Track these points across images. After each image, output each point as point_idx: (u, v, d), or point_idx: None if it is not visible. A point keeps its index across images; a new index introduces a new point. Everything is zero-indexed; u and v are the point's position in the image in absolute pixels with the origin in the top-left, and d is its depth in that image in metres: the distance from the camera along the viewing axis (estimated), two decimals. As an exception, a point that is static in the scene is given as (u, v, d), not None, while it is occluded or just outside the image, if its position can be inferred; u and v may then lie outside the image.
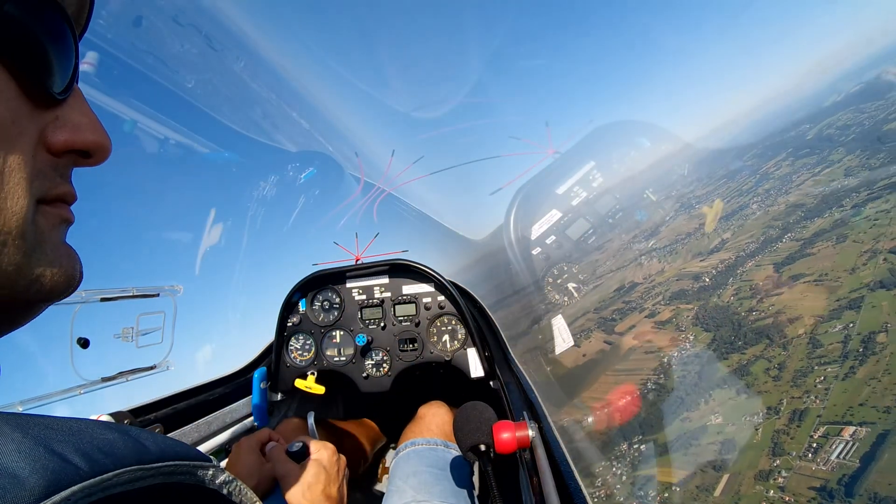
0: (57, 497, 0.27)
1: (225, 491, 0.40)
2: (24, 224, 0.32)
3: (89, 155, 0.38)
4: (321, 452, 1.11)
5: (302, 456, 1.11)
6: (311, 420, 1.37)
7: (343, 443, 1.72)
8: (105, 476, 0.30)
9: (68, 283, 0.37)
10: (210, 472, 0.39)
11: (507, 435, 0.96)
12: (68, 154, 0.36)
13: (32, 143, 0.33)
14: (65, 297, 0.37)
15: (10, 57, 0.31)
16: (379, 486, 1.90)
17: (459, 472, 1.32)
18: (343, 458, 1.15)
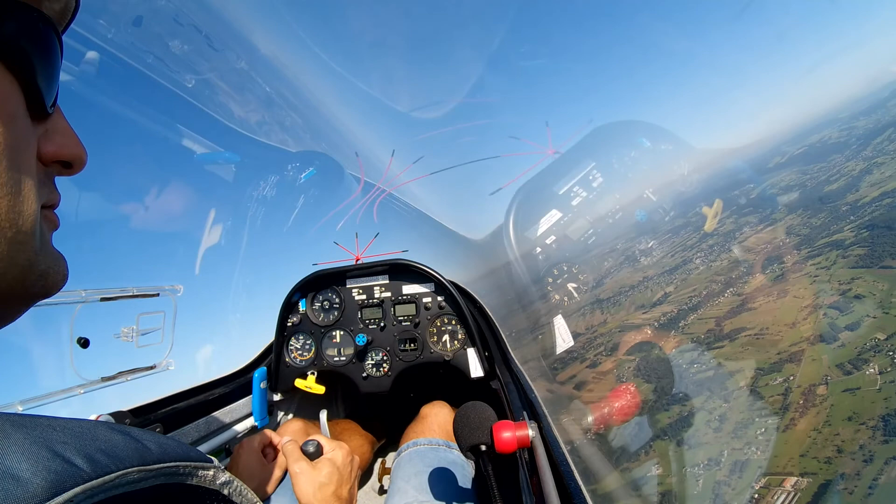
0: (60, 499, 0.27)
1: (226, 491, 0.40)
2: (35, 226, 0.36)
3: (71, 165, 0.42)
4: (336, 452, 1.10)
5: (316, 455, 1.11)
6: (323, 418, 1.38)
7: (345, 443, 1.72)
8: (107, 477, 0.30)
9: (63, 280, 0.41)
10: (211, 473, 0.39)
11: (507, 435, 0.96)
12: (54, 164, 0.40)
13: (35, 154, 0.37)
14: (55, 293, 0.40)
15: (21, 75, 0.35)
16: (380, 486, 1.90)
17: (460, 472, 1.32)
18: (357, 459, 1.15)
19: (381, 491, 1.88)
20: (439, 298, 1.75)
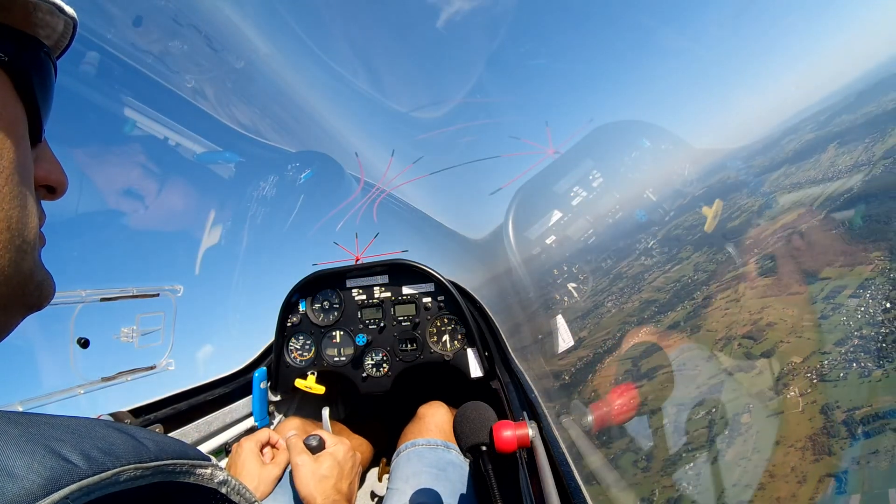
0: (55, 496, 0.27)
1: (224, 490, 0.40)
2: (36, 238, 0.39)
3: (55, 191, 0.45)
4: (337, 447, 1.11)
5: (318, 449, 1.12)
6: (325, 415, 1.38)
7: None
8: (104, 475, 0.30)
9: (53, 294, 0.44)
10: (209, 471, 0.39)
11: (507, 435, 0.96)
12: (40, 188, 0.43)
13: (34, 175, 0.41)
14: (46, 306, 0.43)
15: (27, 102, 0.39)
16: (379, 487, 1.90)
17: (459, 472, 1.32)
18: (358, 455, 1.16)
19: (380, 491, 1.88)
20: (439, 298, 1.75)
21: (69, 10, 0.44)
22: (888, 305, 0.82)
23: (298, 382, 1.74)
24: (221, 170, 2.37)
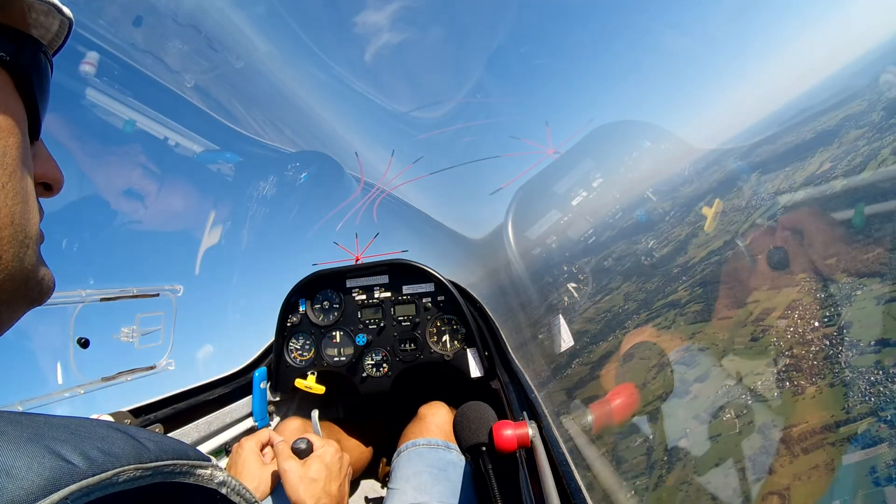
0: (55, 496, 0.27)
1: (224, 490, 0.40)
2: (38, 233, 0.40)
3: (51, 188, 0.46)
4: (325, 450, 1.11)
5: (306, 452, 1.12)
6: (314, 418, 1.38)
7: (344, 443, 1.72)
8: (103, 475, 0.30)
9: (53, 289, 0.44)
10: (208, 472, 0.39)
11: (507, 435, 0.96)
12: (38, 185, 0.43)
13: (33, 172, 0.41)
14: (46, 301, 0.43)
15: (27, 99, 0.40)
16: (379, 487, 1.90)
17: (460, 472, 1.32)
18: (347, 456, 1.16)
19: (381, 491, 1.88)
20: (439, 298, 1.75)
21: (66, 10, 0.45)
22: (816, 325, 0.84)
23: (298, 382, 1.74)
24: (221, 170, 2.37)
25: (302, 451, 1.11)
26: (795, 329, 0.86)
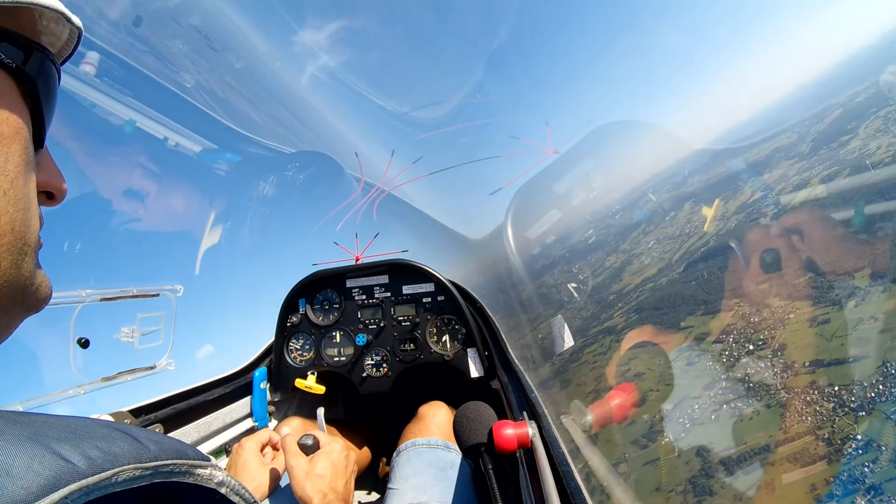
0: (55, 495, 0.27)
1: (223, 490, 0.40)
2: (37, 241, 0.40)
3: (53, 196, 0.45)
4: (332, 446, 1.11)
5: (312, 449, 1.12)
6: (320, 415, 1.38)
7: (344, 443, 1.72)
8: (103, 475, 0.30)
9: (50, 296, 0.44)
10: (208, 471, 0.39)
11: (507, 435, 0.96)
12: (40, 194, 0.43)
13: (35, 179, 0.41)
14: (43, 308, 0.44)
15: (33, 107, 0.39)
16: (379, 487, 1.90)
17: (459, 472, 1.32)
18: (353, 454, 1.16)
19: (380, 491, 1.88)
20: (439, 298, 1.75)
21: (75, 19, 0.44)
22: (751, 347, 0.85)
23: (298, 382, 1.74)
24: (221, 170, 2.37)
25: (308, 448, 1.11)
26: (730, 353, 0.88)
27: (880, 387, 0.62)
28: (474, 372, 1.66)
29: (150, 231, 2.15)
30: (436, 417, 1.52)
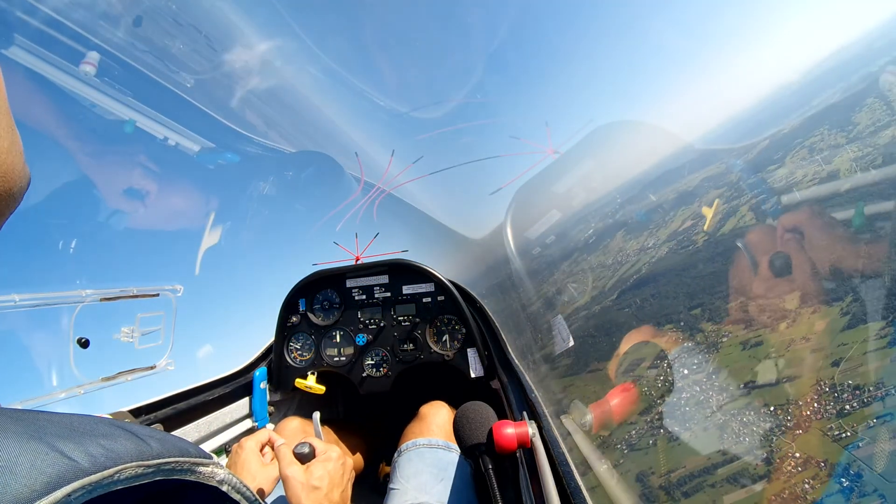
0: (59, 493, 0.27)
1: (224, 488, 0.40)
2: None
3: None
4: (328, 455, 1.10)
5: (309, 457, 1.10)
6: (316, 420, 1.37)
7: (344, 443, 1.72)
8: (105, 472, 0.30)
9: (25, 179, 0.43)
10: (209, 469, 0.39)
11: (507, 435, 0.96)
12: None
13: None
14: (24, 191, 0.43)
15: None
16: (379, 487, 1.90)
17: (460, 472, 1.32)
18: (350, 462, 1.14)
19: (381, 491, 1.88)
20: (439, 298, 1.75)
21: None
22: (686, 372, 0.86)
23: (298, 382, 1.74)
24: (221, 170, 2.37)
25: (305, 456, 1.10)
26: (665, 378, 0.89)
27: (815, 405, 0.63)
28: (474, 372, 1.67)
29: (150, 231, 2.15)
30: (437, 417, 1.52)
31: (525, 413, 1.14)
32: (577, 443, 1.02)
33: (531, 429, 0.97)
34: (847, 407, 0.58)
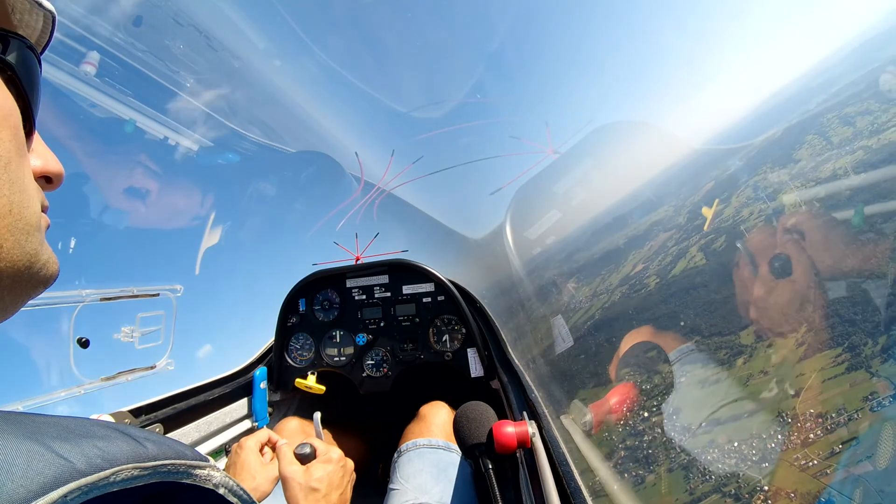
0: (54, 494, 0.27)
1: (221, 491, 0.40)
2: (39, 220, 0.41)
3: (51, 181, 0.47)
4: (328, 456, 1.10)
5: (309, 458, 1.10)
6: (317, 420, 1.37)
7: (344, 443, 1.72)
8: (102, 474, 0.30)
9: (58, 272, 0.46)
10: (206, 472, 0.39)
11: (507, 435, 0.96)
12: (38, 179, 0.45)
13: (29, 164, 0.42)
14: (52, 284, 0.45)
15: (18, 96, 0.41)
16: (379, 487, 1.90)
17: (460, 472, 1.32)
18: (350, 463, 1.14)
19: (381, 491, 1.88)
20: (439, 298, 1.75)
21: (48, 4, 0.45)
22: (646, 415, 0.87)
23: (298, 382, 1.74)
24: (221, 170, 2.38)
25: (305, 457, 1.09)
26: (626, 422, 0.89)
27: (779, 437, 0.63)
28: (474, 372, 1.66)
29: (150, 231, 2.15)
30: (437, 417, 1.52)
31: (525, 413, 1.14)
32: (577, 443, 1.02)
33: (531, 429, 0.97)
34: (811, 436, 0.59)
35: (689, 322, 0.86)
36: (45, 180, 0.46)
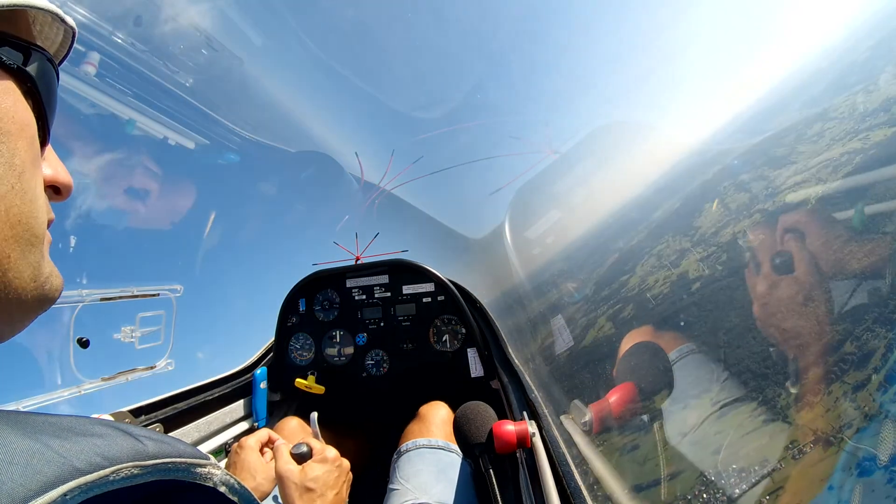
0: (54, 492, 0.27)
1: (222, 489, 0.40)
2: (45, 234, 0.41)
3: (60, 192, 0.47)
4: (324, 456, 1.10)
5: (305, 457, 1.10)
6: (314, 420, 1.36)
7: (343, 443, 1.72)
8: (102, 472, 0.30)
9: (62, 286, 0.46)
10: (206, 470, 0.39)
11: (508, 434, 0.96)
12: (47, 189, 0.45)
13: (42, 176, 0.42)
14: (54, 303, 0.44)
15: (35, 107, 0.41)
16: (379, 487, 1.90)
17: (460, 472, 1.32)
18: (346, 463, 1.14)
19: (381, 491, 1.87)
20: (439, 298, 1.74)
21: (69, 20, 0.46)
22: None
23: (298, 382, 1.74)
24: (221, 170, 2.38)
25: (302, 456, 1.10)
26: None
27: (704, 496, 0.64)
28: (474, 372, 1.66)
29: (150, 230, 2.15)
30: (436, 417, 1.52)
31: (525, 413, 1.14)
32: (577, 443, 1.02)
33: (531, 428, 0.97)
34: (736, 492, 0.59)
35: (688, 322, 0.86)
36: (54, 191, 0.47)
